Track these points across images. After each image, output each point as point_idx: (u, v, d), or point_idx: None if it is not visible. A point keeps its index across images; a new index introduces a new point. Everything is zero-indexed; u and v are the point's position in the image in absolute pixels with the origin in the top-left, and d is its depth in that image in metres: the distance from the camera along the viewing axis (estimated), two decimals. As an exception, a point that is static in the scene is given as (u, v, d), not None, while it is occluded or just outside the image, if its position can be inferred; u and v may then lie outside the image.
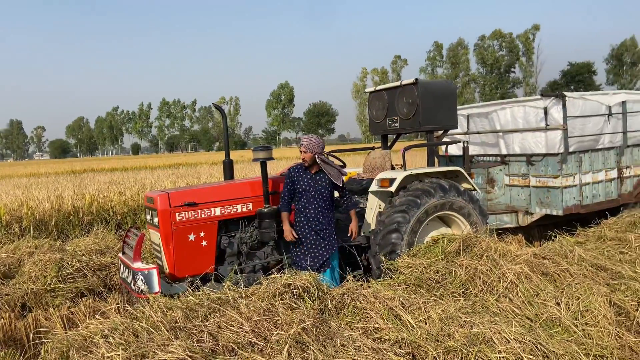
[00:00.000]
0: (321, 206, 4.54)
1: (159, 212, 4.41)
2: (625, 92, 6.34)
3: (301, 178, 4.53)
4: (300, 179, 4.52)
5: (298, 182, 4.52)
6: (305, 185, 4.51)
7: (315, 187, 4.52)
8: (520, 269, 4.11)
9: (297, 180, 4.52)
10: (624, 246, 4.74)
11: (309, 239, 4.53)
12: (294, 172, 4.55)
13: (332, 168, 4.57)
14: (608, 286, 4.07)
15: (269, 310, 3.28)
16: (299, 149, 4.56)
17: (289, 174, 4.55)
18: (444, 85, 5.68)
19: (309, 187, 4.51)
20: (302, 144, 4.52)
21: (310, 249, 4.53)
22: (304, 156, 4.50)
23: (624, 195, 6.29)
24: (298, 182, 4.52)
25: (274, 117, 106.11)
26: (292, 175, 4.54)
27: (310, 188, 4.51)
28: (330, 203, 4.65)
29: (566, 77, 71.14)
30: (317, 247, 4.53)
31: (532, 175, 6.07)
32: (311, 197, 4.51)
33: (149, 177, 14.11)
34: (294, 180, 4.53)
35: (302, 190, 4.51)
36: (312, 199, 4.52)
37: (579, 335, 3.52)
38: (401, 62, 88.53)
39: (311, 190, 4.51)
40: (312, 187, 4.52)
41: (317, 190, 4.52)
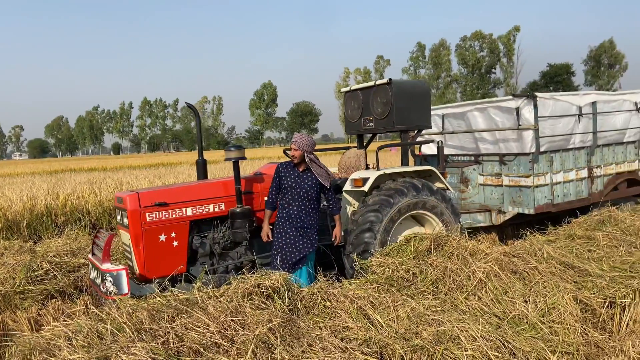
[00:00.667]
0: (305, 205, 4.54)
1: (128, 213, 4.35)
2: (595, 92, 6.45)
3: (288, 174, 4.54)
4: (288, 175, 4.54)
5: (285, 178, 4.53)
6: (292, 182, 4.52)
7: (302, 185, 4.52)
8: (489, 267, 4.16)
9: (284, 176, 4.53)
10: (592, 244, 4.83)
11: (288, 235, 4.50)
12: (282, 168, 4.56)
13: (320, 168, 4.55)
14: (575, 284, 4.14)
15: (236, 310, 3.26)
16: (290, 146, 4.59)
17: (277, 169, 4.56)
18: (418, 85, 5.71)
19: (295, 184, 4.52)
20: (293, 141, 4.53)
21: (287, 244, 4.49)
22: (293, 153, 4.53)
23: (594, 194, 6.40)
24: (285, 178, 4.53)
25: (257, 116, 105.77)
26: (280, 171, 4.55)
27: (296, 185, 4.51)
28: (315, 203, 4.62)
29: (545, 78, 72.25)
30: (294, 244, 4.50)
31: (504, 175, 6.15)
32: (296, 195, 4.51)
33: (127, 177, 13.93)
34: (281, 176, 4.54)
35: (288, 186, 4.52)
36: (297, 197, 4.52)
37: (546, 332, 3.57)
38: (384, 63, 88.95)
39: (297, 187, 4.51)
40: (298, 184, 4.52)
41: (303, 188, 4.51)
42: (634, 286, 3.98)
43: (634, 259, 4.36)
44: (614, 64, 75.52)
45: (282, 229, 4.51)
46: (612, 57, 75.19)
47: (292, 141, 4.59)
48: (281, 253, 4.49)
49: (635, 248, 4.64)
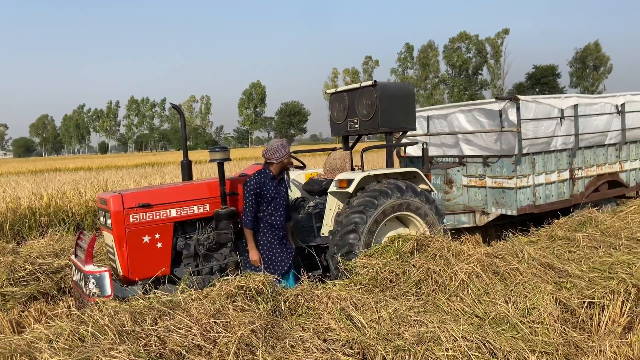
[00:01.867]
0: (284, 213, 4.54)
1: (111, 214, 4.33)
2: (576, 95, 6.55)
3: (267, 187, 4.43)
4: (266, 187, 4.43)
5: (266, 191, 4.41)
6: (273, 193, 4.44)
7: (280, 194, 4.49)
8: (471, 268, 4.21)
9: (265, 189, 4.41)
10: (573, 245, 4.91)
11: (273, 246, 4.50)
12: (260, 182, 4.41)
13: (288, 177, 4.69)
14: (555, 284, 4.20)
15: (219, 312, 3.26)
16: (264, 157, 4.46)
17: (254, 184, 4.37)
18: (403, 87, 5.76)
19: (276, 194, 4.46)
20: (270, 156, 4.41)
21: (274, 255, 4.51)
22: (275, 168, 4.45)
23: (575, 195, 6.51)
24: (266, 191, 4.41)
25: (246, 116, 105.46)
26: (257, 185, 4.39)
27: (276, 196, 4.46)
28: (287, 209, 4.67)
29: (531, 80, 73.02)
30: (280, 254, 4.53)
31: (488, 176, 6.22)
32: (278, 205, 4.46)
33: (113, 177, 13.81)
34: (259, 192, 4.40)
35: (270, 198, 4.42)
36: (279, 206, 4.48)
37: (526, 333, 3.62)
38: (372, 63, 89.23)
39: (277, 197, 4.46)
40: (277, 194, 4.47)
41: (282, 197, 4.50)
42: (613, 287, 4.06)
43: (613, 259, 4.44)
44: (599, 66, 76.65)
45: (267, 240, 4.49)
46: (598, 59, 76.33)
47: (266, 154, 4.43)
48: (270, 266, 4.46)
49: (614, 249, 4.73)
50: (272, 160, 4.41)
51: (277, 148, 4.41)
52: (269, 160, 4.42)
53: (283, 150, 4.42)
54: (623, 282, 4.13)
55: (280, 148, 4.41)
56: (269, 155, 4.41)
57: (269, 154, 4.42)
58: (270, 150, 4.42)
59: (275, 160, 4.41)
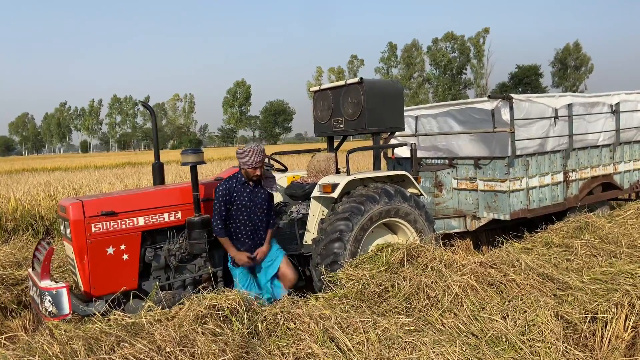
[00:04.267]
0: (261, 220, 4.25)
1: (71, 223, 3.91)
2: (571, 94, 6.29)
3: (239, 193, 4.13)
4: (239, 194, 4.12)
5: (238, 198, 4.12)
6: (246, 201, 4.14)
7: (255, 200, 4.19)
8: (466, 281, 3.90)
9: (236, 197, 4.11)
10: (571, 253, 4.63)
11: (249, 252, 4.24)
12: (230, 189, 4.10)
13: (267, 179, 4.26)
14: (555, 297, 3.91)
15: (186, 338, 2.88)
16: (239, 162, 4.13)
17: (224, 191, 4.07)
18: (391, 85, 5.42)
19: (250, 202, 4.16)
20: (244, 161, 4.07)
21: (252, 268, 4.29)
22: (255, 173, 4.10)
23: (569, 198, 6.24)
24: (238, 198, 4.12)
25: (231, 115, 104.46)
26: (228, 192, 4.08)
27: (250, 203, 4.16)
28: (270, 214, 4.34)
29: (514, 80, 73.58)
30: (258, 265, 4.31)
31: (479, 179, 5.92)
32: (252, 213, 4.17)
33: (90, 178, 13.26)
34: (232, 196, 4.10)
35: (241, 206, 4.13)
36: (253, 214, 4.19)
37: (526, 352, 3.31)
38: (358, 62, 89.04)
39: (251, 205, 4.16)
40: (252, 201, 4.17)
41: (257, 204, 4.20)
42: (616, 300, 3.77)
43: (615, 269, 4.16)
44: (580, 66, 77.49)
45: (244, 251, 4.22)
46: (578, 59, 77.16)
47: (240, 157, 4.08)
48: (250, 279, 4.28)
49: (615, 258, 4.46)
50: (247, 167, 4.10)
51: (249, 152, 4.07)
52: (245, 167, 4.11)
53: (256, 155, 4.06)
54: (627, 294, 3.84)
55: (254, 152, 4.07)
56: (243, 159, 4.10)
57: (242, 157, 4.10)
58: (238, 153, 4.12)
59: (240, 164, 4.13)
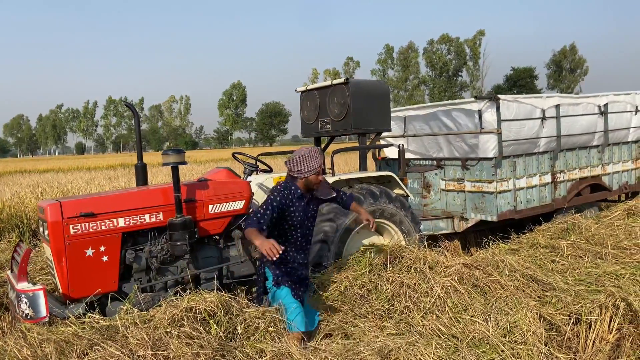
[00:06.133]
0: (311, 233, 3.70)
1: (49, 225, 3.85)
2: (559, 95, 6.27)
3: (295, 207, 3.47)
4: (295, 208, 3.46)
5: (294, 213, 3.47)
6: (301, 217, 3.53)
7: (308, 214, 3.60)
8: (449, 282, 3.86)
9: (292, 210, 3.46)
10: (556, 254, 4.60)
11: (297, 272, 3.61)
12: (287, 199, 3.41)
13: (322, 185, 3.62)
14: (539, 299, 3.87)
15: (160, 341, 2.83)
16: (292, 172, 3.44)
17: (281, 199, 3.37)
18: (377, 86, 5.39)
19: (304, 217, 3.55)
20: (302, 168, 3.39)
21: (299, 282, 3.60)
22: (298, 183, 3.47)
23: (557, 200, 6.22)
24: (294, 213, 3.47)
25: (226, 116, 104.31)
26: (284, 201, 3.39)
27: (304, 218, 3.56)
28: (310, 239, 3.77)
29: (509, 82, 73.77)
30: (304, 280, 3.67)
31: (467, 180, 5.89)
32: (306, 229, 3.60)
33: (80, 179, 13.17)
34: (287, 208, 3.42)
35: (297, 223, 3.50)
36: (307, 230, 3.62)
37: (507, 355, 3.28)
38: (353, 64, 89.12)
39: (306, 221, 3.58)
40: (306, 215, 3.57)
41: (310, 219, 3.63)
42: (600, 301, 3.74)
43: (600, 271, 4.13)
44: (575, 69, 77.83)
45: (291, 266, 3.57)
46: (574, 62, 77.52)
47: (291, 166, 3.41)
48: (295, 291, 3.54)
49: (600, 259, 4.43)
50: (293, 173, 3.43)
51: (300, 159, 3.38)
52: (292, 173, 3.45)
53: (308, 163, 3.38)
54: (611, 295, 3.81)
55: (304, 160, 3.38)
56: (290, 166, 3.43)
57: (290, 164, 3.43)
58: (293, 163, 3.41)
59: (297, 174, 3.41)
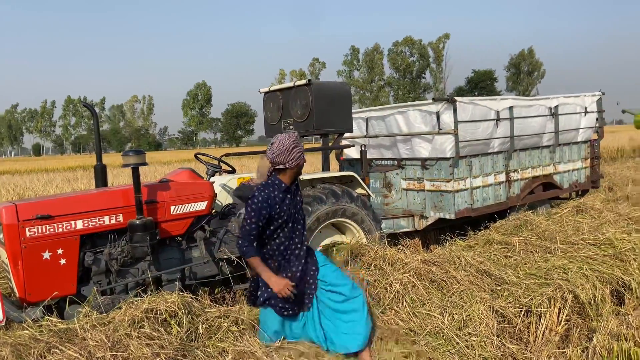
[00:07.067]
0: (304, 227, 3.25)
1: (4, 227, 3.77)
2: (512, 97, 6.54)
3: (282, 204, 3.03)
4: (281, 205, 3.03)
5: (282, 210, 3.03)
6: (292, 211, 3.09)
7: (297, 206, 3.17)
8: (407, 278, 3.99)
9: (279, 209, 3.02)
10: (509, 250, 4.81)
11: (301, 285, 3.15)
12: (270, 200, 2.99)
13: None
14: (492, 292, 4.05)
15: (120, 342, 2.83)
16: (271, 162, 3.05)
17: (261, 204, 2.96)
18: (339, 87, 5.49)
19: (294, 211, 3.13)
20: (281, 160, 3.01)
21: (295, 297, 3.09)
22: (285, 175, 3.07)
23: (511, 198, 6.48)
24: (282, 210, 3.03)
25: (191, 117, 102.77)
26: (267, 203, 2.97)
27: (294, 211, 3.12)
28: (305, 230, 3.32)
29: (471, 84, 75.80)
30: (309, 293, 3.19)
31: (426, 180, 6.07)
32: (298, 223, 3.16)
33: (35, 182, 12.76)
34: (274, 209, 3.00)
35: (288, 219, 3.07)
36: (300, 225, 3.18)
37: (462, 347, 3.43)
38: (319, 65, 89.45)
39: (296, 214, 3.15)
40: (295, 208, 3.14)
41: (299, 210, 3.20)
42: (549, 294, 3.95)
43: (549, 265, 4.35)
44: (533, 71, 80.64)
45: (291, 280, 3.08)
46: (531, 65, 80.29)
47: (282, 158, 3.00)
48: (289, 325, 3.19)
49: (550, 254, 4.66)
50: (284, 165, 3.03)
51: (289, 147, 3.00)
52: (280, 165, 3.04)
53: (297, 149, 3.04)
54: (559, 288, 4.03)
55: (293, 147, 3.02)
56: (280, 158, 3.01)
57: (280, 157, 3.01)
58: (278, 152, 3.00)
59: (288, 164, 3.03)
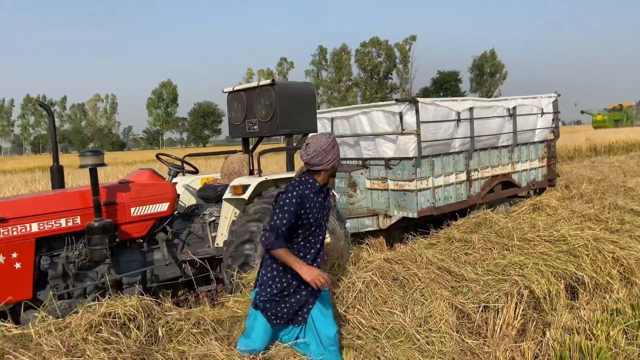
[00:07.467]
0: (323, 242, 3.23)
1: (-46, 231, 3.63)
2: (472, 98, 6.72)
3: (313, 203, 3.00)
4: (313, 204, 3.00)
5: (311, 210, 3.00)
6: (319, 215, 3.06)
7: (325, 211, 3.16)
8: (370, 277, 4.04)
9: (309, 208, 2.98)
10: (469, 247, 4.93)
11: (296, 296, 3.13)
12: (304, 195, 2.96)
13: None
14: (452, 289, 4.15)
15: (75, 348, 2.77)
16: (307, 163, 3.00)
17: (297, 196, 2.92)
18: (303, 87, 5.51)
19: (321, 215, 3.10)
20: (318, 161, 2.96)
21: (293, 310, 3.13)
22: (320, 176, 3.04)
23: (472, 196, 6.66)
24: (311, 210, 3.00)
25: (156, 116, 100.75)
26: (301, 199, 2.94)
27: (321, 217, 3.11)
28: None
29: (436, 85, 77.23)
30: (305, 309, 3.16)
31: (390, 179, 6.17)
32: (324, 227, 3.18)
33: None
34: (305, 207, 2.97)
35: (315, 220, 3.03)
36: (324, 229, 3.19)
37: (422, 343, 3.50)
38: (287, 65, 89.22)
39: (321, 219, 3.12)
40: (322, 213, 3.12)
41: (325, 216, 3.18)
42: (506, 289, 4.08)
43: (506, 261, 4.49)
44: (495, 73, 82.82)
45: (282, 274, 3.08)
46: (494, 67, 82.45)
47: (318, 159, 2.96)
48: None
49: (507, 250, 4.80)
50: (320, 166, 2.99)
51: (326, 148, 2.97)
52: (316, 167, 2.99)
53: (333, 150, 3.01)
54: (516, 284, 4.17)
55: (330, 148, 2.98)
56: (317, 159, 2.96)
57: (316, 157, 2.96)
58: (315, 153, 2.95)
59: (324, 166, 2.99)
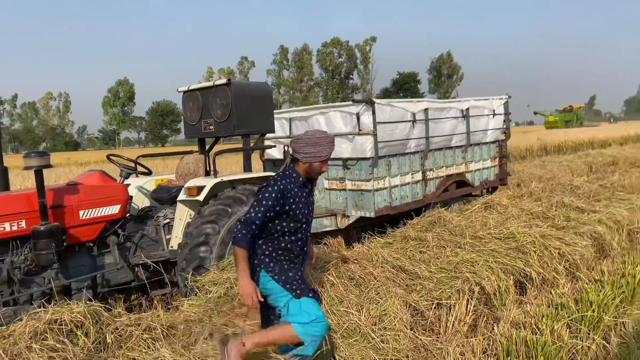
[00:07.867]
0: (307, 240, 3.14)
1: None
2: (427, 100, 6.86)
3: (297, 198, 2.91)
4: (295, 199, 2.90)
5: (295, 204, 2.90)
6: (307, 209, 3.00)
7: (309, 207, 3.07)
8: (326, 277, 4.06)
9: (293, 202, 2.89)
10: (424, 246, 5.03)
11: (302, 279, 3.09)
12: (287, 189, 2.86)
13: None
14: (406, 287, 4.22)
15: (19, 356, 2.66)
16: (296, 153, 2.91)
17: (277, 191, 2.83)
18: (260, 87, 5.48)
19: (307, 210, 3.03)
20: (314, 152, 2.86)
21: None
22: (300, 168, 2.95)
23: (428, 195, 6.80)
24: (295, 204, 2.90)
25: (112, 115, 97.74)
26: (282, 195, 2.84)
27: (307, 211, 3.02)
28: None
29: (396, 85, 78.46)
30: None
31: (347, 179, 6.22)
32: (308, 224, 3.07)
33: None
34: (286, 201, 2.87)
35: (300, 215, 2.94)
36: (308, 226, 3.08)
37: (377, 341, 3.54)
38: (248, 64, 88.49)
39: (308, 214, 3.04)
40: (307, 209, 3.04)
41: (311, 212, 3.10)
42: (458, 286, 4.19)
43: (458, 259, 4.61)
44: (452, 74, 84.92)
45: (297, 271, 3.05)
46: (451, 68, 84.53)
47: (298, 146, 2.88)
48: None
49: (459, 248, 4.93)
50: (298, 155, 2.90)
51: (311, 141, 2.85)
52: (296, 154, 2.90)
53: (321, 147, 2.86)
54: (467, 281, 4.29)
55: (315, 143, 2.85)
56: (297, 146, 2.88)
57: (297, 144, 2.88)
58: (302, 141, 2.87)
59: (303, 157, 2.88)
